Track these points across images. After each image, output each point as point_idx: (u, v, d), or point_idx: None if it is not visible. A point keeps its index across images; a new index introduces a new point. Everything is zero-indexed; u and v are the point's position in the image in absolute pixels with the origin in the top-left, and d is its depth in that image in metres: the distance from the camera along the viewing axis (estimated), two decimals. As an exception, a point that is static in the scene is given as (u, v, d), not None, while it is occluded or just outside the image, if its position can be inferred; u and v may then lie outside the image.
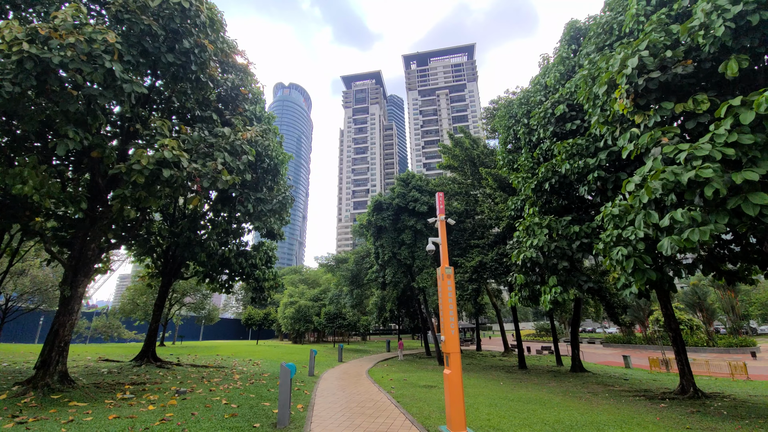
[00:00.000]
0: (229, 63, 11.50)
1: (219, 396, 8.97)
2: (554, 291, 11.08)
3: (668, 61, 7.89)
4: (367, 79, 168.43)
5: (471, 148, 22.86)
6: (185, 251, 14.14)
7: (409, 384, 12.75)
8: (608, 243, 8.44)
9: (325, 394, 10.28)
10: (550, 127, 12.08)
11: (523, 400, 10.04)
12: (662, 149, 6.83)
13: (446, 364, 6.37)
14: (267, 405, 8.23)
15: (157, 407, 7.57)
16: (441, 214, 7.31)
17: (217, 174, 7.83)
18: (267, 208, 12.22)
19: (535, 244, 11.32)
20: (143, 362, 14.78)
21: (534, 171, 13.09)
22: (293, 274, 61.24)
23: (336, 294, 35.99)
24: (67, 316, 9.10)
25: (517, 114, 14.62)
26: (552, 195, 12.39)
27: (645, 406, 10.08)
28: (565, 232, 11.47)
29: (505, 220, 17.72)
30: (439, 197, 7.53)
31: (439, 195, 7.52)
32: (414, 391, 10.98)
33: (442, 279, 6.76)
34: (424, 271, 22.23)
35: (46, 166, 9.89)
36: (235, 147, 8.83)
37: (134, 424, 6.18)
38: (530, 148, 13.76)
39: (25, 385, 8.40)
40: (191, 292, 33.89)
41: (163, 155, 7.34)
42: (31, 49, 6.01)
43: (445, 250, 7.00)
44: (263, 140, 11.51)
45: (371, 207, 24.21)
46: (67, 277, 9.38)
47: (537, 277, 12.45)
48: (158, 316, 16.17)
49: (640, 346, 42.54)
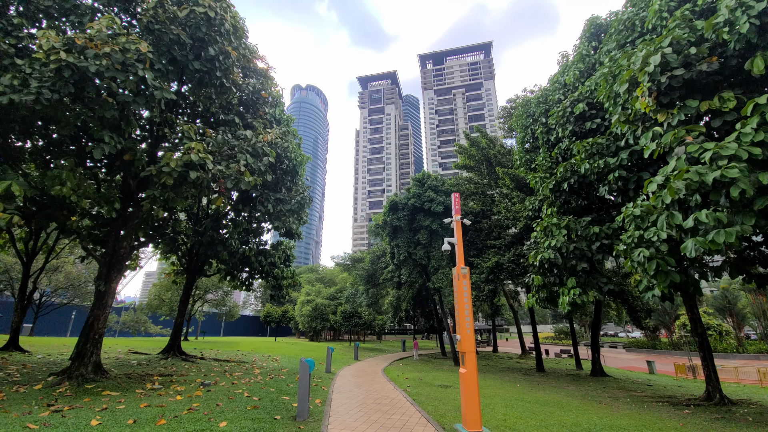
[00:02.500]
0: (250, 68, 11.88)
1: (241, 389, 9.32)
2: (573, 293, 10.93)
3: (692, 58, 7.68)
4: (383, 80, 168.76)
5: (487, 147, 22.66)
6: (208, 250, 14.68)
7: (424, 383, 12.83)
8: (629, 244, 8.28)
9: (342, 391, 10.50)
10: (569, 125, 11.90)
11: (540, 402, 9.96)
12: (686, 148, 6.68)
13: (462, 363, 6.44)
14: (286, 399, 8.51)
15: (184, 398, 7.96)
16: (457, 215, 7.37)
17: (239, 175, 8.17)
18: (286, 208, 12.56)
19: (554, 244, 11.18)
20: (169, 355, 15.45)
21: (552, 171, 12.91)
22: (310, 273, 62.14)
23: (352, 293, 36.36)
24: (101, 309, 9.66)
25: (535, 113, 14.44)
26: (571, 195, 12.20)
27: (668, 412, 9.82)
28: (584, 233, 11.28)
29: (522, 221, 17.52)
30: (455, 198, 7.59)
31: (454, 195, 7.59)
32: (429, 390, 11.06)
33: (458, 279, 6.83)
34: (439, 271, 22.21)
35: (82, 169, 10.56)
36: (256, 149, 9.16)
37: (164, 413, 6.55)
38: (548, 148, 13.58)
39: (60, 376, 8.97)
40: (213, 289, 34.98)
41: (190, 158, 7.71)
42: (69, 58, 6.45)
43: (461, 250, 7.06)
44: (282, 142, 11.84)
45: (387, 207, 24.36)
46: (102, 273, 9.95)
47: (555, 278, 12.28)
48: (183, 312, 16.85)
49: (666, 351, 40.99)
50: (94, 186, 10.75)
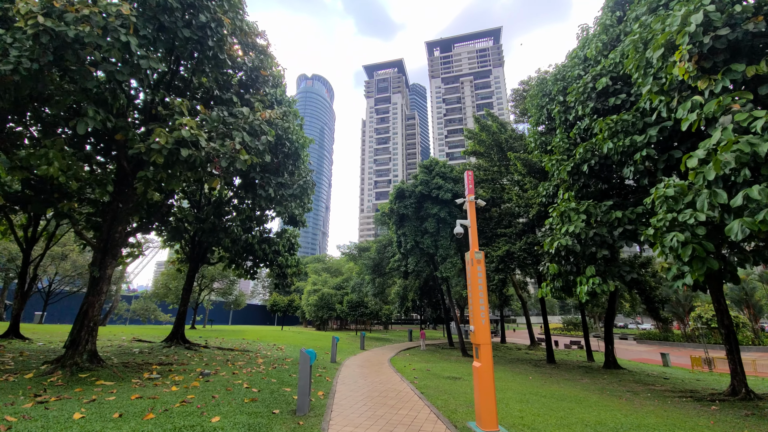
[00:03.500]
0: (249, 43, 11.18)
1: (241, 379, 8.92)
2: (592, 282, 10.24)
3: (737, 17, 6.80)
4: (389, 68, 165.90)
5: (498, 132, 21.72)
6: (210, 236, 14.26)
7: (432, 375, 12.35)
8: (660, 228, 7.54)
9: (347, 382, 10.06)
10: (590, 103, 11.02)
11: (557, 396, 9.39)
12: (734, 117, 5.88)
13: (476, 356, 5.86)
14: (288, 391, 8.06)
15: (180, 388, 7.56)
16: (470, 194, 6.70)
17: (235, 153, 7.57)
18: (288, 193, 11.99)
19: (572, 231, 10.44)
20: (173, 344, 15.21)
21: (570, 152, 12.09)
22: (316, 262, 62.10)
23: (358, 282, 36.03)
24: (96, 296, 9.28)
25: (552, 91, 13.53)
26: (590, 178, 11.40)
27: (694, 409, 9.18)
28: (605, 219, 10.52)
29: (535, 208, 16.73)
30: (468, 176, 6.91)
31: (468, 173, 6.91)
32: (438, 383, 10.56)
33: (472, 264, 6.20)
34: (447, 260, 21.59)
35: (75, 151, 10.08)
36: (253, 127, 8.54)
37: (155, 405, 6.12)
38: (566, 128, 12.72)
39: (54, 364, 8.65)
40: (219, 278, 34.95)
41: (181, 134, 7.13)
42: (47, 22, 5.86)
43: (475, 233, 6.42)
44: (283, 122, 11.21)
45: (393, 195, 23.67)
46: (96, 258, 9.54)
47: (572, 266, 11.59)
48: (186, 300, 16.57)
49: (678, 343, 40.08)
50: (85, 167, 10.29)
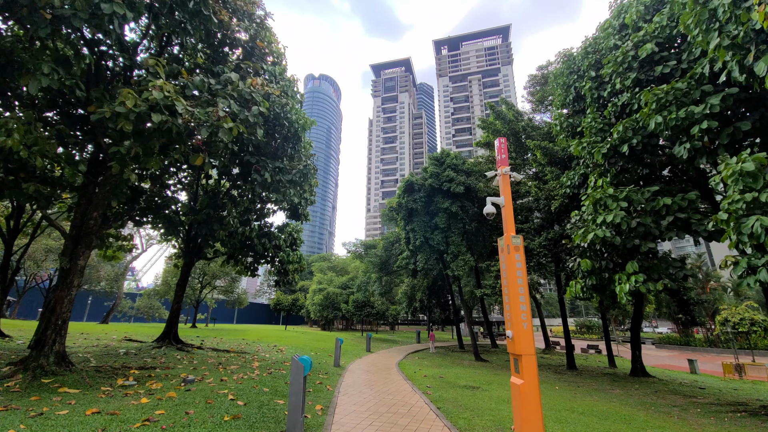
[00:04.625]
0: (242, 10, 10.00)
1: (228, 388, 7.71)
2: (634, 280, 8.81)
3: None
4: (397, 67, 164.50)
5: (515, 120, 20.28)
6: (203, 228, 13.12)
7: (446, 383, 11.02)
8: (734, 212, 6.13)
9: (351, 392, 8.79)
10: (632, 74, 9.59)
11: (596, 414, 7.99)
12: None
13: (514, 370, 4.54)
14: (281, 403, 6.82)
15: (152, 400, 6.36)
16: (503, 166, 5.39)
17: (217, 122, 6.37)
18: (286, 179, 10.77)
19: (610, 220, 9.02)
20: (164, 344, 14.13)
21: (605, 133, 10.66)
22: (322, 261, 61.05)
23: (364, 281, 34.75)
24: (65, 290, 8.16)
25: (581, 67, 12.09)
26: (630, 161, 9.95)
27: (757, 427, 7.75)
28: (648, 207, 9.09)
29: (557, 200, 15.28)
30: (501, 144, 5.60)
31: (499, 140, 5.59)
32: (455, 394, 9.23)
33: (508, 252, 4.88)
34: (459, 257, 20.20)
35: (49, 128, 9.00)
36: (243, 95, 7.33)
37: (110, 424, 4.92)
38: (599, 107, 11.30)
39: (17, 366, 7.54)
40: (222, 275, 34.00)
41: (152, 95, 5.94)
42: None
43: (510, 213, 5.10)
44: (281, 98, 10.00)
45: (402, 188, 22.37)
46: (67, 247, 8.43)
47: (608, 262, 10.16)
48: (180, 297, 15.49)
49: (701, 348, 37.93)
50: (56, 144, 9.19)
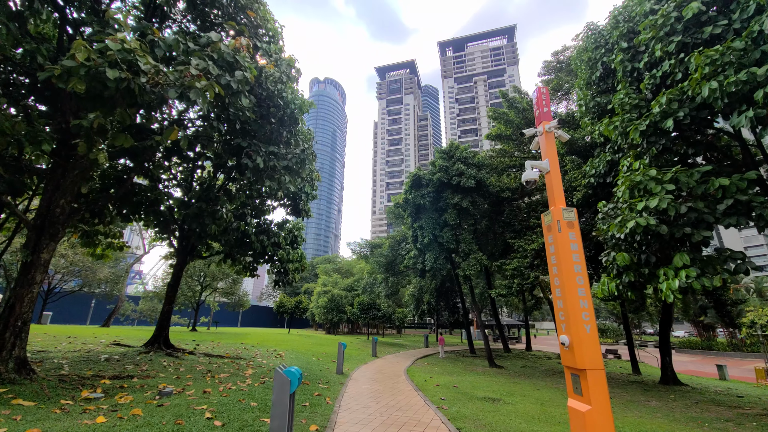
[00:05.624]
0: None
1: (208, 403, 6.55)
2: (685, 275, 7.50)
3: None
4: (401, 69, 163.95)
5: (529, 108, 19.02)
6: (194, 222, 12.06)
7: (462, 394, 9.74)
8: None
9: (353, 406, 7.58)
10: (675, 37, 8.32)
11: (648, 434, 6.67)
12: None
13: (572, 390, 3.31)
14: (268, 422, 5.65)
15: (111, 419, 5.23)
16: (545, 120, 4.18)
17: (189, 80, 5.26)
18: (282, 165, 9.66)
19: (654, 206, 7.73)
20: (153, 349, 13.05)
21: (641, 109, 9.38)
22: (327, 263, 59.94)
23: (370, 282, 33.48)
24: (26, 287, 7.10)
25: (610, 39, 10.84)
26: (674, 139, 8.65)
27: None
28: (700, 190, 7.78)
29: (580, 191, 13.97)
30: (541, 93, 4.39)
31: (539, 88, 4.39)
32: (475, 408, 7.96)
33: (558, 231, 3.66)
34: (470, 256, 18.92)
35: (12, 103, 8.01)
36: (224, 56, 6.24)
37: (38, 457, 3.80)
38: (633, 80, 10.03)
39: (-33, 375, 6.48)
40: (223, 276, 33.01)
41: (106, 46, 4.86)
42: None
43: (559, 181, 3.90)
44: (276, 71, 8.91)
45: (409, 183, 21.18)
46: (30, 239, 7.39)
47: (649, 256, 8.84)
48: (171, 299, 14.42)
49: (724, 353, 35.89)
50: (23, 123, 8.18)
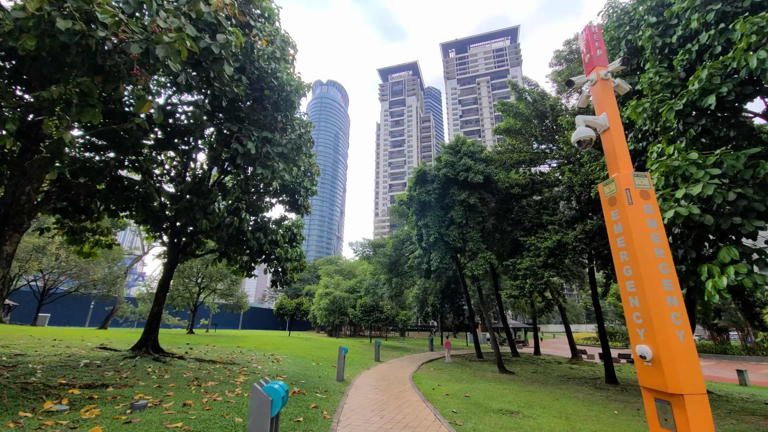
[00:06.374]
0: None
1: (186, 418, 5.65)
2: (734, 271, 6.52)
3: None
4: (404, 71, 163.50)
5: (540, 100, 18.10)
6: (184, 217, 11.23)
7: (476, 405, 8.77)
8: None
9: (354, 421, 6.64)
10: (715, 5, 7.40)
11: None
12: None
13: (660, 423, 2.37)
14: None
15: (62, 442, 4.34)
16: (600, 66, 3.27)
17: (156, 35, 4.41)
18: (276, 151, 8.80)
19: (696, 193, 6.77)
20: (140, 353, 12.18)
21: (674, 88, 8.44)
22: (329, 264, 59.04)
23: (372, 283, 32.50)
24: (-17, 285, 6.25)
25: (635, 16, 9.94)
26: (714, 119, 7.70)
27: None
28: (749, 175, 6.82)
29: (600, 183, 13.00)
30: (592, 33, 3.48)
31: (588, 28, 3.49)
32: (492, 424, 7.00)
33: (625, 203, 2.75)
34: (478, 255, 17.96)
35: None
36: (204, 17, 5.39)
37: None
38: (663, 58, 9.09)
39: None
40: (221, 277, 32.17)
41: (56, -9, 4.01)
42: None
43: (622, 137, 2.99)
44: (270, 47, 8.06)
45: (414, 179, 20.27)
46: (-10, 230, 6.55)
47: (688, 250, 7.87)
48: (161, 299, 13.57)
49: (739, 357, 34.52)
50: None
